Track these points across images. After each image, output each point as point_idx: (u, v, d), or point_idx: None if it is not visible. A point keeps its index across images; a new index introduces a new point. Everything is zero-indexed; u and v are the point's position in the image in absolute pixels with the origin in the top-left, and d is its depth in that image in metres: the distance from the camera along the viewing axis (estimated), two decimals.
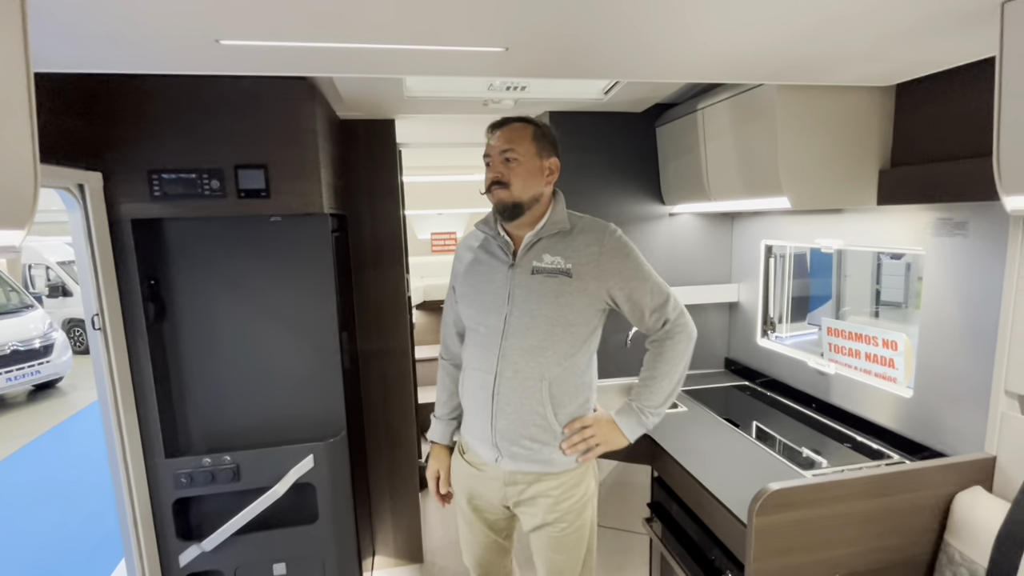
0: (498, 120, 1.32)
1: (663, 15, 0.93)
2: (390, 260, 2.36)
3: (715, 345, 2.47)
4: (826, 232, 1.84)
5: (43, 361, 6.40)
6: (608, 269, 1.29)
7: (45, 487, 4.21)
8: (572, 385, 1.33)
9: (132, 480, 1.66)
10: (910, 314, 1.90)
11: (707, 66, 1.31)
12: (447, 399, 1.54)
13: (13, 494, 4.12)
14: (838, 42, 1.11)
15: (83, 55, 1.05)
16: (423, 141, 2.78)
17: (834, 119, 1.53)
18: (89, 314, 1.55)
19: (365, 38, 1.02)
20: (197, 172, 1.59)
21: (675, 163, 2.13)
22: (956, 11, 0.95)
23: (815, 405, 1.94)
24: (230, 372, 1.81)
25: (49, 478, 4.38)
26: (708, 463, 1.58)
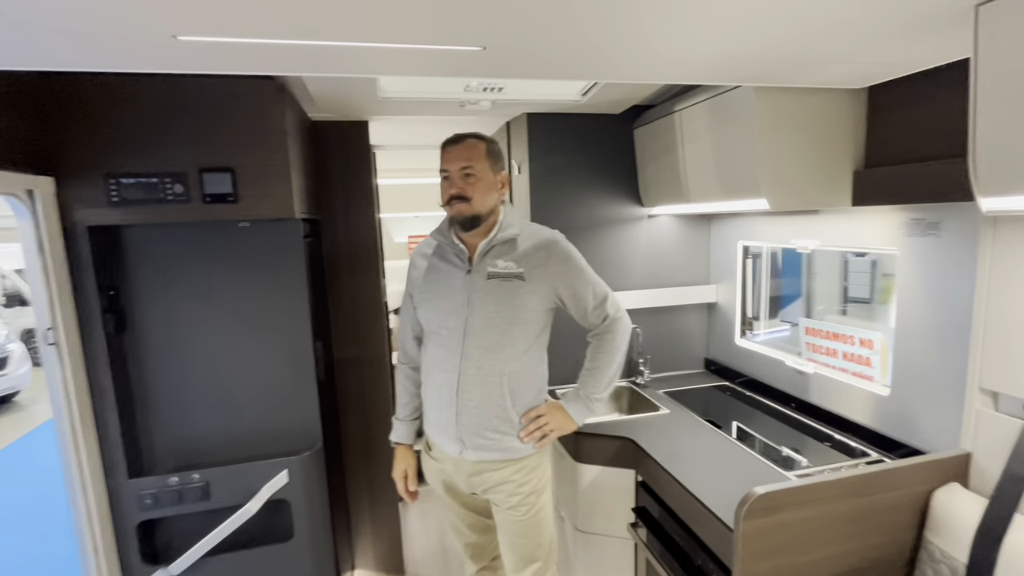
0: (451, 137, 1.42)
1: (642, 16, 0.92)
2: (366, 265, 2.30)
3: (694, 346, 2.48)
4: (802, 233, 1.86)
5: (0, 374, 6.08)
6: (555, 271, 1.43)
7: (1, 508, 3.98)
8: (529, 379, 1.47)
9: (92, 502, 1.56)
10: (876, 309, 1.94)
11: (684, 68, 1.30)
12: (408, 400, 1.64)
13: None
14: (812, 45, 1.11)
15: (30, 52, 0.97)
16: (398, 143, 2.73)
17: (810, 121, 1.55)
18: (42, 328, 1.46)
19: (335, 35, 0.97)
20: (159, 176, 1.51)
21: (653, 165, 2.13)
22: (930, 14, 0.95)
23: (794, 404, 1.96)
24: (198, 385, 1.73)
25: (6, 498, 4.14)
26: (692, 466, 1.57)
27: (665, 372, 2.45)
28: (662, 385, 2.31)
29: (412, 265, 1.55)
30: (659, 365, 2.43)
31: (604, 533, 1.89)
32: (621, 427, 1.90)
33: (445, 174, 1.40)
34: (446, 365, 1.44)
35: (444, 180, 1.40)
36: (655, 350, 2.40)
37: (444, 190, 1.40)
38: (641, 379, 2.34)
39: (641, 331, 2.34)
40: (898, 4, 0.90)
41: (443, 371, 1.44)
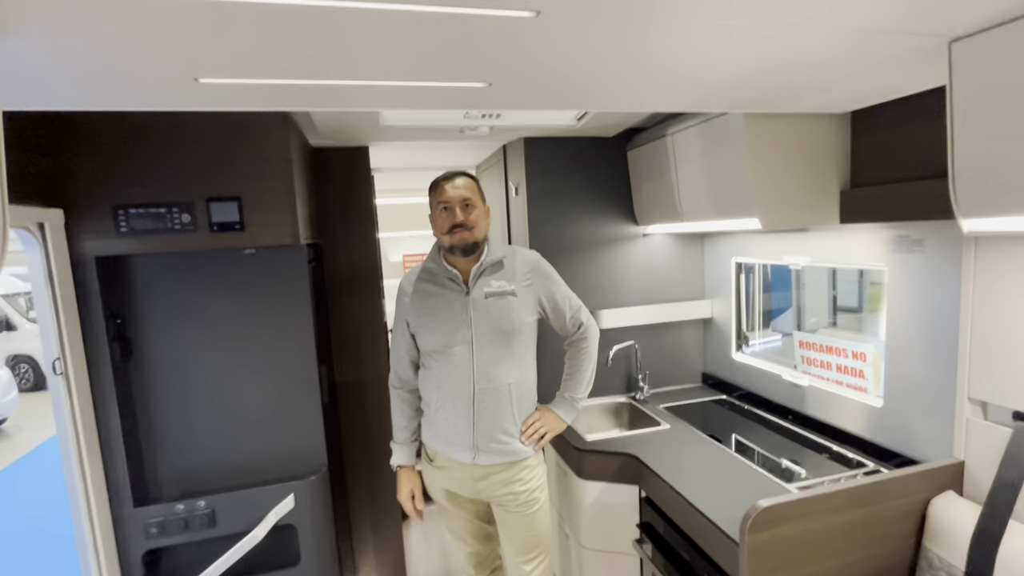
0: (447, 175, 1.56)
1: (634, 55, 0.97)
2: (366, 287, 2.33)
3: (691, 360, 2.52)
4: (793, 249, 1.92)
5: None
6: (540, 286, 1.62)
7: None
8: (528, 385, 1.64)
9: (97, 532, 1.55)
10: (866, 318, 1.99)
11: (674, 98, 1.36)
12: (406, 424, 1.72)
13: None
14: (795, 77, 1.18)
15: (55, 95, 1.01)
16: (397, 166, 2.78)
17: (797, 144, 1.62)
18: (49, 358, 1.46)
19: (347, 75, 1.02)
20: (167, 206, 1.54)
21: (647, 186, 2.19)
22: (906, 49, 1.02)
23: (791, 416, 2.00)
24: (203, 412, 1.73)
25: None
26: (694, 481, 1.60)
27: (663, 387, 2.48)
28: (661, 400, 2.35)
29: (403, 294, 1.66)
30: (657, 380, 2.46)
31: (609, 550, 1.90)
32: (623, 443, 1.93)
33: (446, 205, 1.52)
34: (459, 381, 1.55)
35: (444, 211, 1.53)
36: (653, 366, 2.44)
37: (445, 220, 1.52)
38: (640, 395, 2.38)
39: (639, 347, 2.38)
40: (875, 41, 0.97)
41: (456, 386, 1.56)
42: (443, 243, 1.56)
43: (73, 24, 0.73)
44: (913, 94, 1.37)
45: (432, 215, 1.58)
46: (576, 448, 1.92)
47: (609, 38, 0.90)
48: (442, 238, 1.55)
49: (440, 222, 1.54)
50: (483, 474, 1.60)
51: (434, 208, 1.56)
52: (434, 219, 1.57)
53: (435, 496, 1.73)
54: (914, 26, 0.91)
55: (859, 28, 0.90)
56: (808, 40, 0.94)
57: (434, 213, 1.56)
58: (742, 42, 0.94)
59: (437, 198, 1.54)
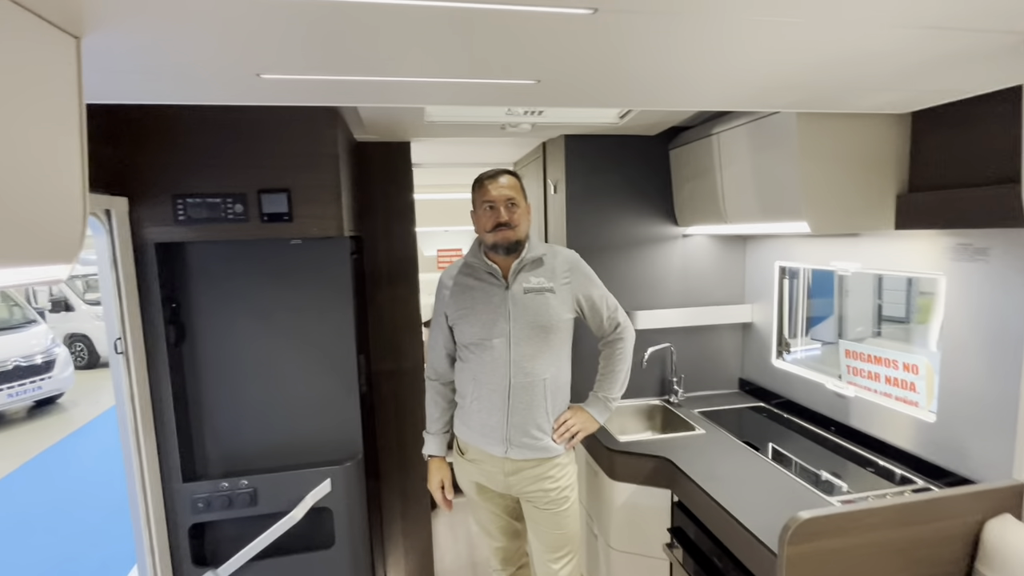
0: (491, 173, 1.57)
1: (686, 51, 0.96)
2: (403, 280, 2.37)
3: (729, 366, 2.47)
4: (842, 255, 1.85)
5: (45, 377, 6.36)
6: (577, 284, 1.63)
7: (45, 507, 4.16)
8: (563, 382, 1.65)
9: (150, 505, 1.64)
10: (914, 330, 1.90)
11: (729, 97, 1.33)
12: (439, 415, 1.75)
13: (12, 514, 4.06)
14: (854, 75, 1.13)
15: (129, 89, 1.07)
16: (436, 161, 2.81)
17: (852, 145, 1.56)
18: (112, 338, 1.55)
19: (399, 72, 1.04)
20: (221, 196, 1.61)
21: (689, 186, 2.15)
22: (977, 46, 0.97)
23: (834, 428, 1.93)
24: (248, 395, 1.81)
25: (49, 497, 4.32)
26: (730, 488, 1.57)
27: (699, 391, 2.44)
28: (696, 404, 2.31)
29: (442, 287, 1.69)
30: (693, 384, 2.42)
31: (639, 552, 1.89)
32: (656, 446, 1.90)
33: (491, 204, 1.55)
34: (495, 374, 1.58)
35: (489, 209, 1.55)
36: (689, 369, 2.40)
37: (489, 218, 1.55)
38: (675, 398, 2.34)
39: (675, 350, 2.34)
40: (944, 39, 0.92)
41: (492, 379, 1.58)
42: (486, 240, 1.58)
43: (151, 25, 0.77)
44: (981, 94, 1.30)
45: (475, 212, 1.60)
46: (608, 448, 1.91)
47: (664, 36, 0.89)
48: (485, 236, 1.57)
49: (484, 220, 1.56)
50: (514, 469, 1.61)
51: (478, 205, 1.58)
52: (477, 216, 1.59)
53: (465, 489, 1.75)
54: (988, 23, 0.86)
55: (927, 25, 0.86)
56: (872, 38, 0.91)
57: (478, 210, 1.58)
58: (802, 40, 0.91)
59: (482, 196, 1.56)
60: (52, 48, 0.73)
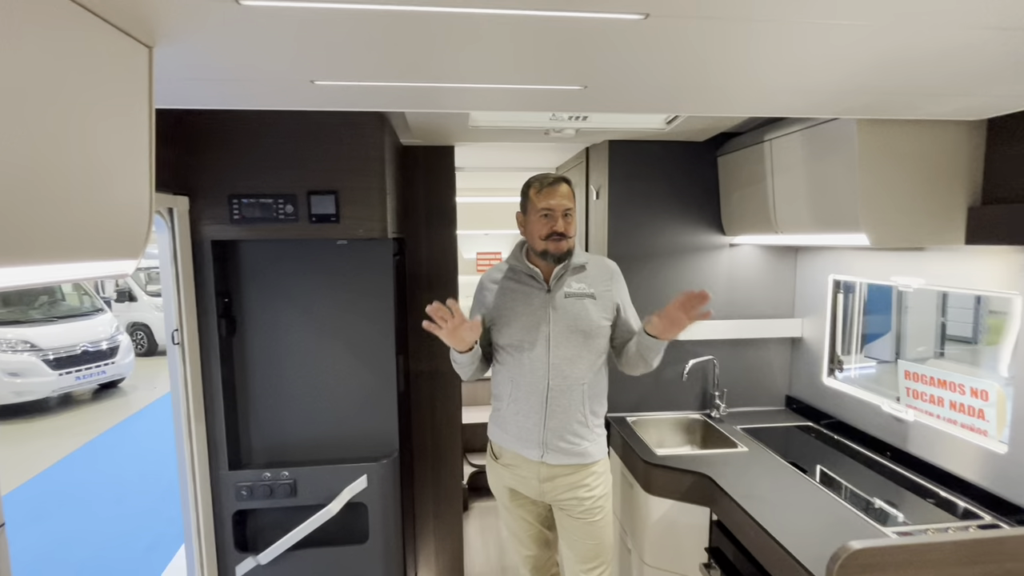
0: (550, 179, 1.55)
1: (741, 54, 0.92)
2: (443, 281, 2.39)
3: (775, 382, 2.36)
4: (904, 269, 1.74)
5: (109, 362, 6.79)
6: (616, 290, 1.65)
7: (104, 484, 4.44)
8: (600, 387, 1.64)
9: (198, 490, 1.72)
10: (981, 351, 1.77)
11: (784, 102, 1.28)
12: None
13: (76, 489, 4.36)
14: (927, 79, 1.06)
15: (194, 95, 1.13)
16: (479, 165, 2.84)
17: (919, 153, 1.46)
18: (170, 329, 1.64)
19: (447, 78, 1.05)
20: (273, 197, 1.67)
21: (738, 194, 2.08)
22: None
23: (890, 453, 1.82)
24: (291, 388, 1.87)
25: (109, 474, 4.61)
26: (773, 510, 1.50)
27: (742, 407, 2.35)
28: (739, 421, 2.22)
29: (483, 288, 1.68)
30: (736, 399, 2.33)
31: (673, 570, 1.83)
32: (695, 461, 1.84)
33: (547, 213, 1.53)
34: (534, 376, 1.58)
35: (544, 218, 1.54)
36: (732, 383, 2.32)
37: (544, 226, 1.54)
38: (716, 413, 2.26)
39: (717, 363, 2.26)
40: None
41: (530, 381, 1.58)
42: (536, 247, 1.57)
43: (217, 36, 0.81)
44: None
45: (527, 216, 1.58)
46: (644, 461, 1.87)
47: (717, 41, 0.86)
48: (536, 242, 1.56)
49: (538, 227, 1.55)
50: (549, 474, 1.60)
51: (532, 212, 1.56)
52: (529, 221, 1.57)
53: (497, 494, 1.75)
54: None
55: (1010, 27, 0.79)
56: (946, 40, 0.85)
57: (531, 215, 1.57)
58: (867, 42, 0.86)
59: (538, 203, 1.54)
60: (127, 57, 0.78)
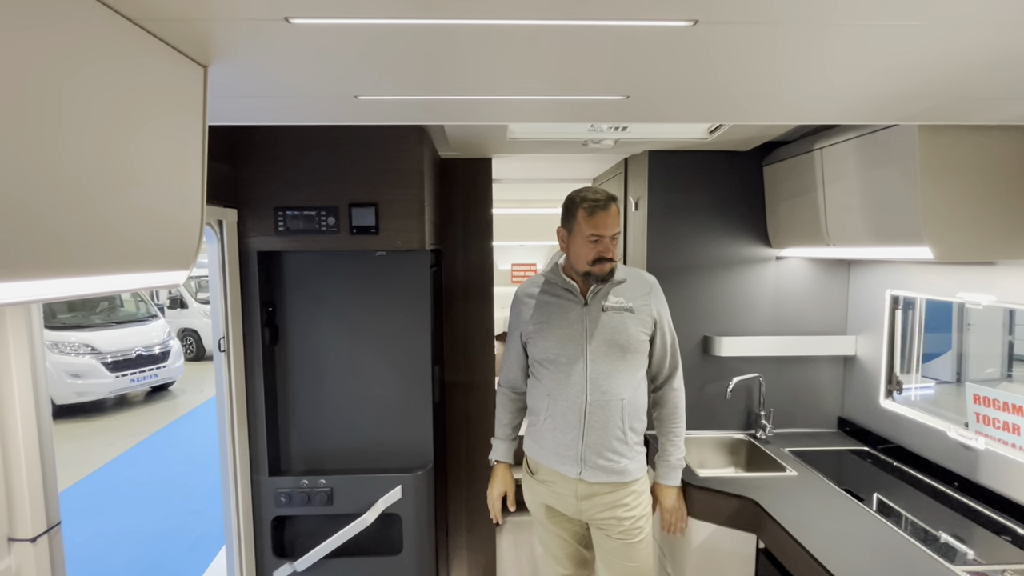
0: (601, 202, 1.49)
1: (793, 63, 0.88)
2: (479, 294, 2.40)
3: (827, 403, 2.24)
4: (972, 285, 1.62)
5: (161, 366, 7.14)
6: (653, 305, 1.60)
7: (154, 482, 4.64)
8: (639, 403, 1.59)
9: (240, 494, 1.76)
10: None
11: (837, 109, 1.22)
12: (508, 421, 1.75)
13: (128, 486, 4.57)
14: (997, 83, 0.98)
15: (243, 112, 1.17)
16: (516, 177, 2.84)
17: (986, 161, 1.36)
18: (217, 336, 1.69)
19: (492, 91, 1.05)
20: (316, 209, 1.71)
21: (786, 204, 2.00)
22: None
23: (957, 484, 1.68)
24: (330, 397, 1.90)
25: (158, 474, 4.82)
26: (827, 540, 1.40)
27: (790, 428, 2.23)
28: (786, 443, 2.11)
29: (519, 303, 1.66)
30: (784, 420, 2.22)
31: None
32: (740, 485, 1.76)
33: (596, 238, 1.49)
34: (571, 391, 1.54)
35: (592, 243, 1.49)
36: (779, 403, 2.21)
37: (591, 251, 1.50)
38: (762, 433, 2.16)
39: (764, 381, 2.16)
40: None
41: (567, 396, 1.55)
42: (579, 268, 1.53)
43: (268, 56, 0.83)
44: None
45: (573, 238, 1.52)
46: (685, 482, 1.79)
47: (768, 47, 0.82)
48: (581, 264, 1.52)
49: (586, 251, 1.50)
50: (588, 492, 1.56)
51: (578, 234, 1.50)
52: (575, 243, 1.52)
53: (533, 511, 1.71)
54: None
55: None
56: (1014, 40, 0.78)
57: (577, 238, 1.51)
58: (928, 45, 0.80)
59: (587, 228, 1.48)
60: (183, 75, 0.81)
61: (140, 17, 0.69)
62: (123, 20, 0.67)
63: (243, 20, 0.71)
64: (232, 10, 0.68)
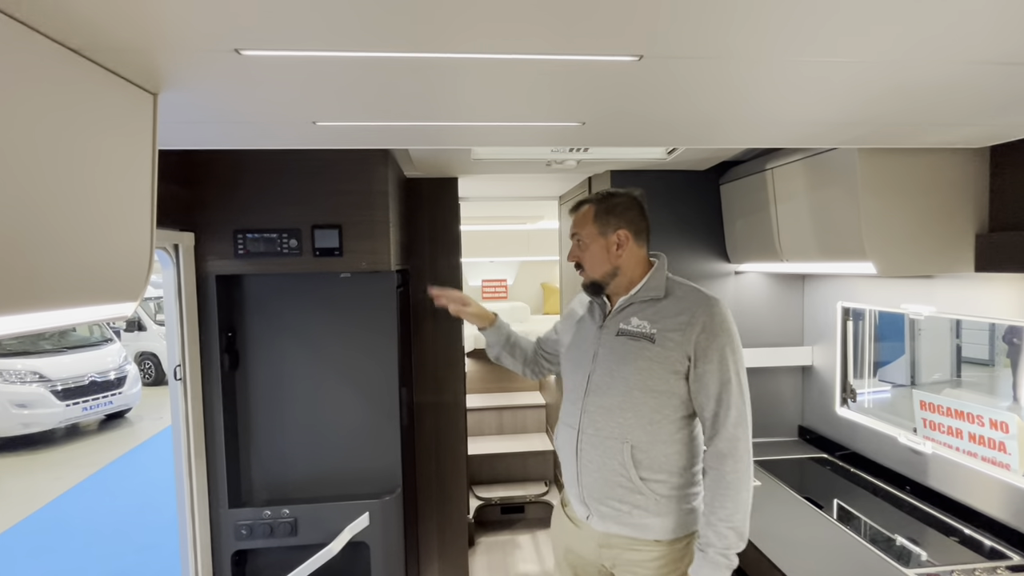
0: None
1: (735, 93, 0.93)
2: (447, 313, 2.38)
3: (788, 412, 2.31)
4: (914, 297, 1.72)
5: (116, 392, 6.80)
6: (693, 339, 1.24)
7: (108, 517, 4.38)
8: (662, 453, 1.28)
9: (197, 528, 1.68)
10: (999, 374, 1.71)
11: (779, 135, 1.28)
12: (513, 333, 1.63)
13: (79, 523, 4.30)
14: (927, 111, 1.06)
15: (199, 137, 1.15)
16: (483, 195, 2.86)
17: (922, 181, 1.45)
18: (172, 365, 1.63)
19: (447, 118, 1.06)
20: (278, 232, 1.69)
21: (742, 222, 2.08)
22: None
23: (909, 487, 1.75)
24: (294, 424, 1.85)
25: (111, 508, 4.56)
26: (788, 549, 1.44)
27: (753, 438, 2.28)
28: None
29: (570, 308, 1.52)
30: None
31: None
32: None
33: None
34: (570, 420, 1.39)
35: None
36: None
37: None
38: None
39: None
40: None
41: (567, 425, 1.40)
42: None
43: (221, 82, 0.83)
44: None
45: None
46: None
47: (711, 79, 0.86)
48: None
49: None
50: (605, 541, 1.34)
51: None
52: None
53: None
54: None
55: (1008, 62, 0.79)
56: (942, 74, 0.85)
57: None
58: (860, 78, 0.86)
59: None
60: (132, 104, 0.80)
61: (86, 48, 0.67)
62: (66, 51, 0.66)
63: (192, 51, 0.71)
64: (181, 41, 0.68)
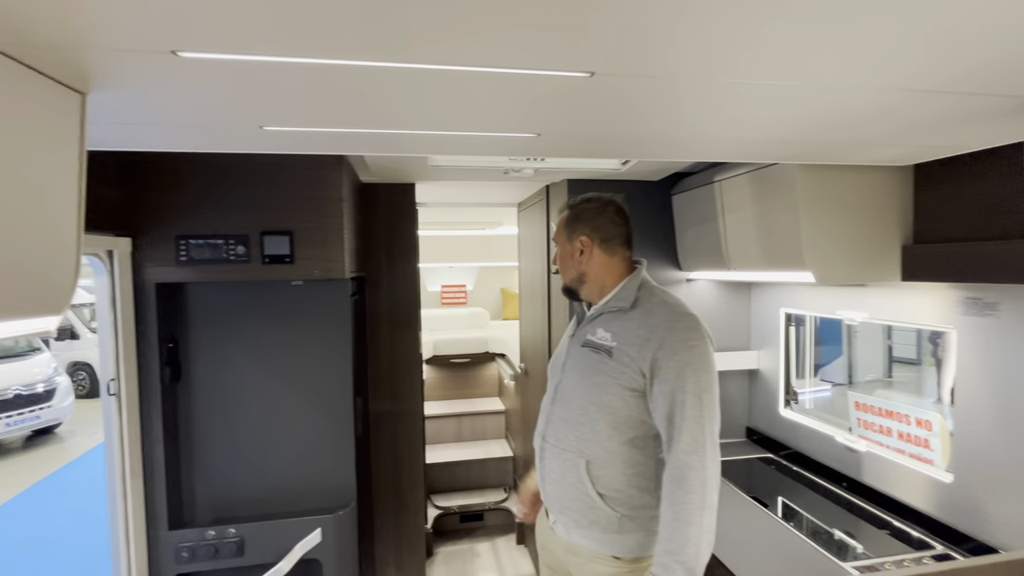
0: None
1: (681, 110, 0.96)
2: (406, 320, 2.35)
3: (736, 413, 2.40)
4: (849, 304, 1.82)
5: (44, 406, 6.31)
6: (650, 355, 1.18)
7: (37, 541, 4.05)
8: (620, 472, 1.22)
9: (132, 554, 1.58)
10: (925, 372, 1.85)
11: (723, 150, 1.34)
12: None
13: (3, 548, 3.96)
14: (851, 133, 1.13)
15: (136, 138, 1.09)
16: (441, 201, 2.84)
17: (856, 196, 1.55)
18: (105, 379, 1.53)
19: (402, 126, 1.05)
20: (224, 238, 1.61)
21: (692, 231, 2.15)
22: (978, 108, 0.97)
23: (846, 484, 1.86)
24: (241, 438, 1.77)
25: (42, 530, 4.22)
26: (736, 548, 1.49)
27: None
28: None
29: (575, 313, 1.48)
30: None
31: None
32: None
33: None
34: (540, 427, 1.38)
35: None
36: None
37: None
38: None
39: None
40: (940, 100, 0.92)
41: (537, 432, 1.40)
42: None
43: (155, 82, 0.78)
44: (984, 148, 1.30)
45: None
46: None
47: (658, 97, 0.89)
48: None
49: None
50: (569, 547, 1.31)
51: None
52: None
53: (538, 545, 1.49)
54: (987, 88, 0.86)
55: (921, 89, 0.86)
56: (862, 100, 0.91)
57: None
58: (791, 101, 0.91)
59: None
60: (56, 103, 0.75)
61: (6, 45, 0.62)
62: None
63: (124, 51, 0.67)
64: (111, 41, 0.64)
